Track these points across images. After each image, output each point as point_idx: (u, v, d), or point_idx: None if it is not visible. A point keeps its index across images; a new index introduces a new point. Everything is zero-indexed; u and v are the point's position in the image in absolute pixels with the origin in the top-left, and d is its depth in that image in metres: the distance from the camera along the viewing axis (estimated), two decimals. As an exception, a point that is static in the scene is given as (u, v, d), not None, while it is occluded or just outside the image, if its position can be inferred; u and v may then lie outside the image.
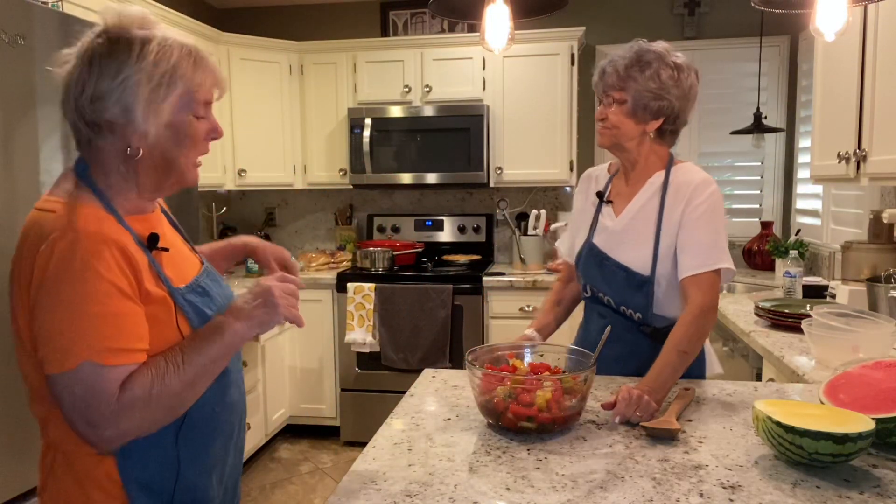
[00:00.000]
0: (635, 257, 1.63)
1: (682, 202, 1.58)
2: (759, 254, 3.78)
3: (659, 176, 1.64)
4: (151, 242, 1.08)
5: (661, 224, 1.60)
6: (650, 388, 1.39)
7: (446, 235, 4.21)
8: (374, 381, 3.68)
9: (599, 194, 1.75)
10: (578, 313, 1.90)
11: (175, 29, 1.12)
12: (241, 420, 1.26)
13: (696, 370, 1.65)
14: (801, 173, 3.77)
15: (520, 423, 1.29)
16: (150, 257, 1.07)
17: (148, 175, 1.09)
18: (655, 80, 1.56)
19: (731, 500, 1.04)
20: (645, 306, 1.62)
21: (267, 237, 4.39)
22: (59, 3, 2.22)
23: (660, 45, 1.61)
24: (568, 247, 1.85)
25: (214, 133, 1.14)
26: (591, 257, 1.72)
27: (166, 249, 1.11)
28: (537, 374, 1.38)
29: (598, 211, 1.74)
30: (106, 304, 0.98)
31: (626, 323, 1.67)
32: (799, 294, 2.75)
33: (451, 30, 4.13)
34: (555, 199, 4.20)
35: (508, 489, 1.09)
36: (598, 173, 1.81)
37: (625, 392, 1.37)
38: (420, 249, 4.02)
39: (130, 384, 0.99)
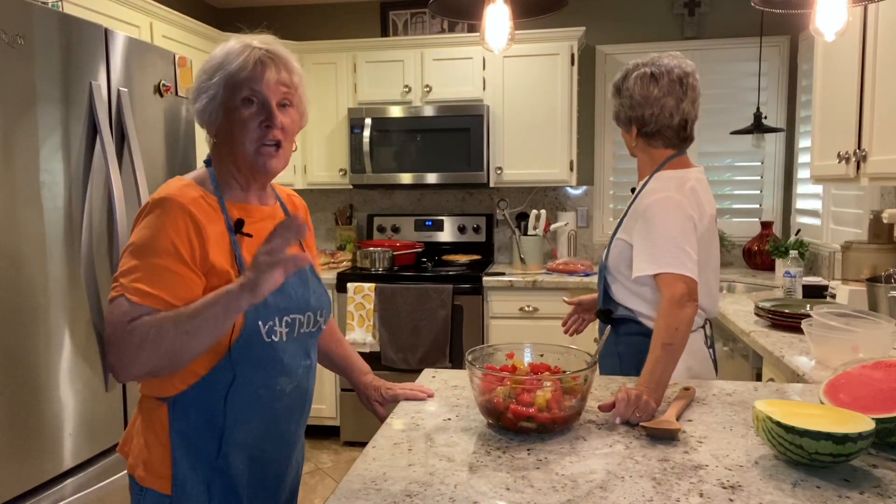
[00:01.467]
0: (607, 247, 1.84)
1: (634, 213, 1.72)
2: (759, 254, 3.78)
3: (644, 180, 1.78)
4: (237, 226, 1.24)
5: (621, 222, 1.77)
6: (648, 388, 1.40)
7: (446, 235, 4.21)
8: (374, 381, 3.68)
9: (633, 190, 1.94)
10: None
11: (266, 38, 1.29)
12: (289, 411, 1.32)
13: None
14: (801, 173, 3.77)
15: (520, 423, 1.29)
16: (232, 238, 1.23)
17: (232, 163, 1.28)
18: (617, 96, 1.79)
19: (731, 500, 1.04)
20: (602, 289, 1.83)
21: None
22: (59, 3, 2.22)
23: (637, 60, 1.76)
24: None
25: (266, 121, 1.25)
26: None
27: (250, 235, 1.25)
28: (537, 374, 1.38)
29: None
30: (162, 257, 1.15)
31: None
32: (799, 294, 2.75)
33: (451, 30, 4.13)
34: (555, 199, 4.20)
35: (508, 489, 1.09)
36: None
37: (623, 393, 1.37)
38: (420, 249, 4.02)
39: (137, 322, 1.12)
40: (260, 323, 1.21)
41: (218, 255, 1.19)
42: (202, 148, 2.79)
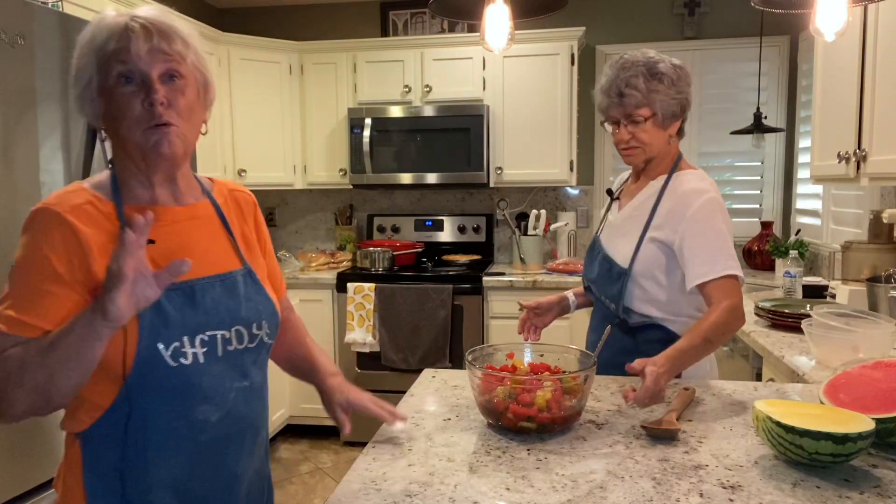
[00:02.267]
0: (620, 250, 1.70)
1: (677, 213, 1.61)
2: (759, 254, 3.78)
3: (661, 179, 1.69)
4: None
5: (648, 224, 1.66)
6: (671, 364, 1.39)
7: (446, 235, 4.21)
8: (374, 382, 3.68)
9: (609, 191, 1.87)
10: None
11: (146, 7, 1.10)
12: (220, 443, 1.14)
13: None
14: (801, 173, 3.77)
15: (520, 423, 1.29)
16: None
17: (127, 157, 1.10)
18: (672, 84, 1.62)
19: (731, 500, 1.04)
20: (618, 297, 1.68)
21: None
22: (59, 3, 2.22)
23: (652, 52, 1.66)
24: None
25: (146, 98, 1.05)
26: (592, 250, 1.82)
27: (151, 241, 1.02)
28: (537, 374, 1.38)
29: (608, 208, 1.86)
30: (35, 277, 1.02)
31: (606, 313, 1.76)
32: (799, 294, 2.75)
33: (451, 30, 4.13)
34: (555, 199, 4.20)
35: (508, 489, 1.09)
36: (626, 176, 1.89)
37: (653, 381, 1.32)
38: (420, 249, 4.02)
39: (5, 355, 0.98)
40: (161, 346, 1.04)
41: (104, 268, 1.00)
42: (202, 148, 2.79)
